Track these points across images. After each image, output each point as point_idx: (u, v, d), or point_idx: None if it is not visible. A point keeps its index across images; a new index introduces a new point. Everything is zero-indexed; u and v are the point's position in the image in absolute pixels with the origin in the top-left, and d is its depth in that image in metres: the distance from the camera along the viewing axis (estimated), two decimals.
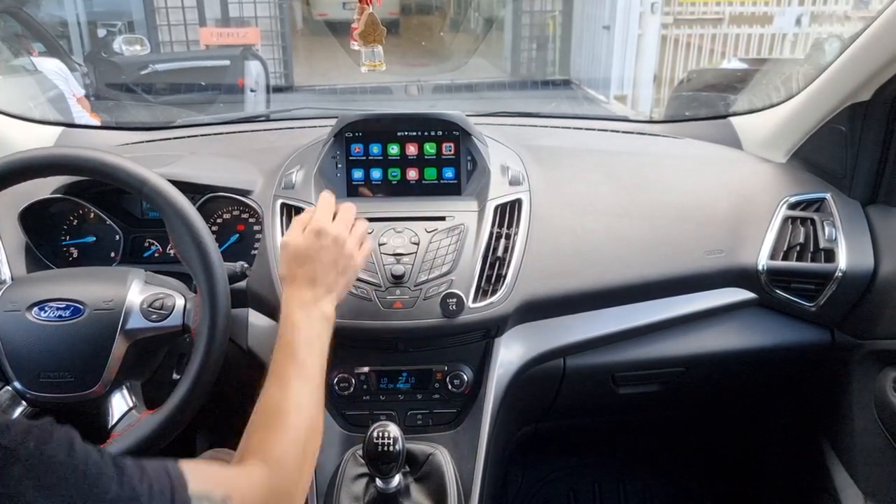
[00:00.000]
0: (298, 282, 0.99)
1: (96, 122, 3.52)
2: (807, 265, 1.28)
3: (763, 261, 1.29)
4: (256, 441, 0.85)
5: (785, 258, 1.29)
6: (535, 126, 1.68)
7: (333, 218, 1.05)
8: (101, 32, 7.01)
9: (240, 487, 0.76)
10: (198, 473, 0.69)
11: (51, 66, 4.20)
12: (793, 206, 1.35)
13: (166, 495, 0.62)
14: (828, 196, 1.34)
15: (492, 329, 1.18)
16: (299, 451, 0.86)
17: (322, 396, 0.94)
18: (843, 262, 1.25)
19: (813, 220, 1.31)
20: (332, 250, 1.01)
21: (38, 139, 1.57)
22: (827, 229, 1.29)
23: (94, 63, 5.45)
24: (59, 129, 1.64)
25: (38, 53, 4.49)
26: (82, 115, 4.01)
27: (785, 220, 1.33)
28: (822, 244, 1.27)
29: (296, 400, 0.88)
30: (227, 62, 5.16)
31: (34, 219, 1.31)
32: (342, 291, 1.03)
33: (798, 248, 1.29)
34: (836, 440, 1.39)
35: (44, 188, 1.30)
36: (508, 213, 1.24)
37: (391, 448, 0.98)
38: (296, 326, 0.95)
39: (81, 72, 4.99)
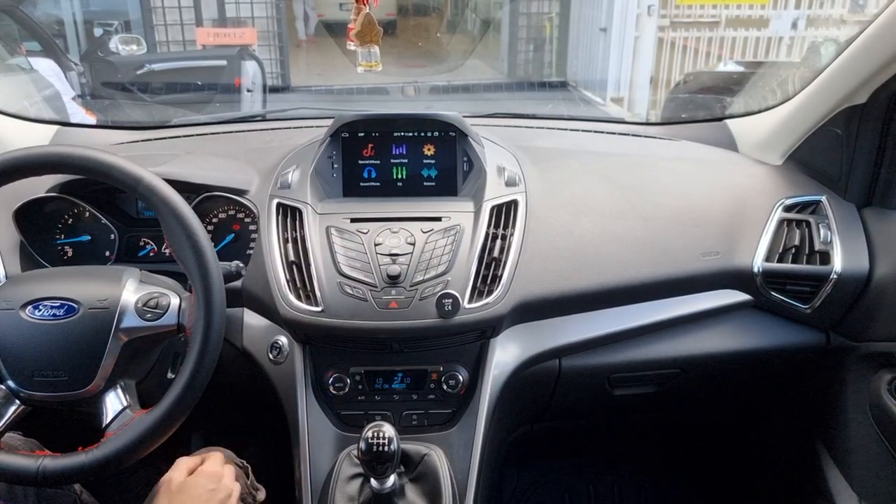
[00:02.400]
0: None
1: (92, 121, 3.50)
2: (802, 267, 1.28)
3: (758, 263, 1.29)
4: None
5: (780, 260, 1.29)
6: (532, 127, 1.68)
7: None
8: (98, 32, 6.98)
9: None
10: None
11: (42, 66, 4.18)
12: (788, 209, 1.35)
13: None
14: (823, 198, 1.35)
15: (487, 330, 1.18)
16: None
17: None
18: (838, 264, 1.26)
19: (808, 223, 1.31)
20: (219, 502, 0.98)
21: (33, 138, 1.57)
22: (822, 231, 1.29)
23: (90, 62, 5.43)
24: (55, 127, 1.63)
25: (27, 52, 4.47)
26: (78, 113, 4.00)
27: (780, 222, 1.33)
28: (817, 246, 1.28)
29: None
30: (223, 62, 5.13)
31: (29, 217, 1.30)
32: None
33: (793, 250, 1.29)
34: (830, 442, 1.39)
35: (39, 187, 1.30)
36: (504, 213, 1.24)
37: (386, 448, 0.98)
38: None
39: (78, 71, 4.97)
